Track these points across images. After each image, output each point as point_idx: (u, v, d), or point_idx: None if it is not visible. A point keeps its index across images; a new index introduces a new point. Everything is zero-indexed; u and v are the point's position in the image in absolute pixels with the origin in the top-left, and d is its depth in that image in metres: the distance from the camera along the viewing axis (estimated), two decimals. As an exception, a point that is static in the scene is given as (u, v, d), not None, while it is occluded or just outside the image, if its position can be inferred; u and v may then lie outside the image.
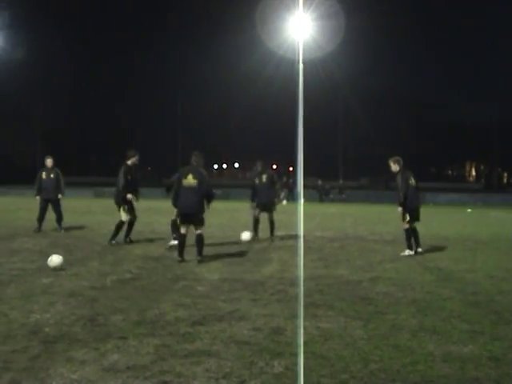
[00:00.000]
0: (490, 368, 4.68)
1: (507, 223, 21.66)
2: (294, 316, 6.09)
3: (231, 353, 4.93)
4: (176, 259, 9.81)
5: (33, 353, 4.85)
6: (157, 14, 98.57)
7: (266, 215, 13.50)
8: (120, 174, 12.04)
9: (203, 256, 9.91)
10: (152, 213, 21.07)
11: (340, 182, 66.15)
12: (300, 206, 25.61)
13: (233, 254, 10.88)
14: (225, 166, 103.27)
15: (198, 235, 9.95)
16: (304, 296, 6.92)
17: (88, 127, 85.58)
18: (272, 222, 13.39)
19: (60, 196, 14.72)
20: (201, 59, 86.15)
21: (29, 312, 6.17)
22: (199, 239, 9.95)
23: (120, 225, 12.07)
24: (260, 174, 13.57)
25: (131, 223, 12.29)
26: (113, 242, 11.84)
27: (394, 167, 11.38)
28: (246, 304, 6.74)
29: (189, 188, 9.86)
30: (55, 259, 8.84)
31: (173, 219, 11.31)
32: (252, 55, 63.07)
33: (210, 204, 10.27)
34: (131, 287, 7.63)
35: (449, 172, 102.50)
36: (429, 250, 11.81)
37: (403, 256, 11.05)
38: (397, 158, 11.42)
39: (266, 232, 13.40)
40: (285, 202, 29.56)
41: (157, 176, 67.10)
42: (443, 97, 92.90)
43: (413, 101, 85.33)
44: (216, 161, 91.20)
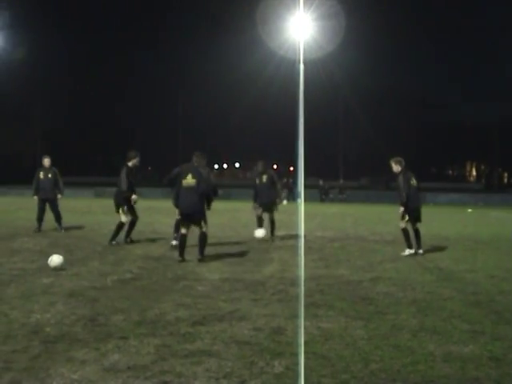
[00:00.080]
0: (491, 368, 4.67)
1: (508, 223, 21.66)
2: (295, 316, 6.08)
3: (232, 353, 4.93)
4: (176, 259, 9.81)
5: (33, 353, 4.85)
6: (157, 14, 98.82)
7: (267, 215, 13.52)
8: (122, 175, 11.99)
9: (204, 256, 9.91)
10: (152, 212, 21.10)
11: (340, 182, 66.13)
12: (300, 206, 25.59)
13: (233, 254, 10.89)
14: (225, 166, 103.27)
15: (202, 233, 9.96)
16: (304, 296, 6.91)
17: (88, 127, 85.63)
18: (273, 222, 13.39)
19: (60, 196, 14.70)
20: (201, 59, 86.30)
21: (29, 312, 6.16)
22: (202, 237, 9.95)
23: (120, 225, 12.05)
24: (260, 175, 13.56)
25: (133, 223, 12.27)
26: (113, 243, 11.84)
27: (396, 168, 11.36)
28: (247, 304, 6.73)
29: (188, 188, 9.86)
30: (56, 259, 8.83)
31: (177, 219, 11.31)
32: (252, 55, 63.21)
33: (211, 204, 10.28)
34: (132, 287, 7.63)
35: (449, 172, 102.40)
36: (429, 250, 11.81)
37: (404, 256, 11.06)
38: (398, 159, 11.40)
39: (267, 232, 13.40)
40: (285, 202, 29.59)
41: (157, 176, 67.01)
42: (443, 97, 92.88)
43: (413, 101, 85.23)
44: (217, 161, 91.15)
